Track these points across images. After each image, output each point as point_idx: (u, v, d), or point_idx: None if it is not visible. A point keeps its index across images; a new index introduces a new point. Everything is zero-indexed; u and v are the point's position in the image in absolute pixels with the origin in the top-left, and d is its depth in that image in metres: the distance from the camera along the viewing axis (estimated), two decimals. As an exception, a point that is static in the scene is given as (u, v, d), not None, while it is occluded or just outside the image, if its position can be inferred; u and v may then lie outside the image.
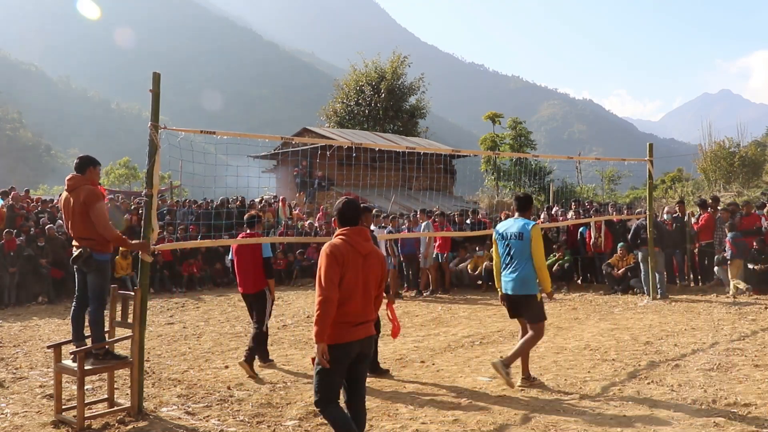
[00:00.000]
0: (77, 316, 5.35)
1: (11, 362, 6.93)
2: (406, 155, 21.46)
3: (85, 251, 5.08)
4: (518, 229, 5.50)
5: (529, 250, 5.44)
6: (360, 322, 3.62)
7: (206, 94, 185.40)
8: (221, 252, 14.46)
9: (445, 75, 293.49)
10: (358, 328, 3.60)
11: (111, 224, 5.18)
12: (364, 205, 6.72)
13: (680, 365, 6.12)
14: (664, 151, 50.82)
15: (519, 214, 5.70)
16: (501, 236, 5.65)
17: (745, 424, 4.39)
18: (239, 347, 7.65)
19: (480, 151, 28.81)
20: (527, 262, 5.45)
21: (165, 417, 4.95)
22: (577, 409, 4.88)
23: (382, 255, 3.82)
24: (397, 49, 35.00)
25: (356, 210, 3.77)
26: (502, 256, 5.63)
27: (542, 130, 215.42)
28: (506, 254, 5.58)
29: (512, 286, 5.52)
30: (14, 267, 11.27)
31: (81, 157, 5.40)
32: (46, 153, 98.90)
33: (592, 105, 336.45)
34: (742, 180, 26.52)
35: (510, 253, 5.53)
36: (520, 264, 5.48)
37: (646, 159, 10.76)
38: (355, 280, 3.58)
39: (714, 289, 11.23)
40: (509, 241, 5.54)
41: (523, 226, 5.49)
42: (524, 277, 5.47)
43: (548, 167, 27.87)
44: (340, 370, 3.58)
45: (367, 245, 3.68)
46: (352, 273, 3.56)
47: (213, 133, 5.84)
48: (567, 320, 9.04)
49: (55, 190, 46.17)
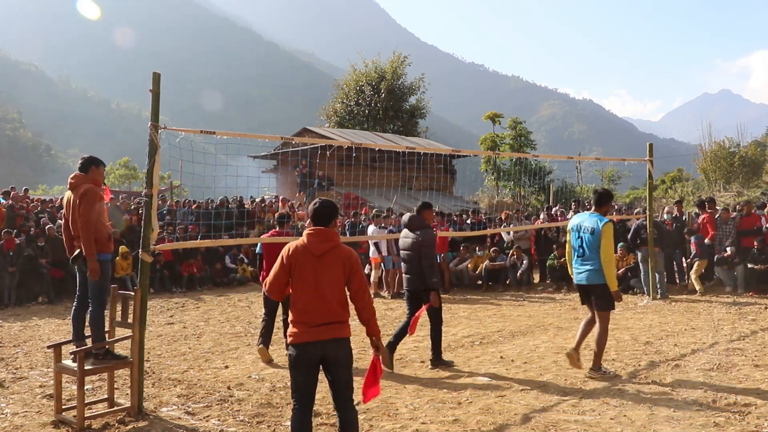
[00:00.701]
0: (78, 316, 5.36)
1: (11, 362, 6.93)
2: (406, 155, 21.46)
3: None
4: (591, 224, 5.76)
5: (599, 245, 5.66)
6: (318, 324, 3.53)
7: (206, 94, 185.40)
8: (221, 252, 14.47)
9: (445, 75, 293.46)
10: (316, 329, 3.52)
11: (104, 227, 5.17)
12: (425, 201, 6.93)
13: (680, 365, 6.12)
14: (664, 151, 50.83)
15: (595, 209, 5.93)
16: (574, 229, 5.92)
17: (745, 424, 4.39)
18: (239, 347, 7.65)
19: (480, 151, 28.82)
20: (598, 255, 5.70)
21: (165, 417, 4.94)
22: (577, 409, 4.88)
23: (346, 255, 3.62)
24: (397, 49, 35.02)
25: (328, 210, 3.70)
26: (575, 248, 5.90)
27: (542, 130, 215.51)
28: (579, 246, 5.85)
29: (585, 276, 5.80)
30: (14, 267, 11.26)
31: (85, 156, 5.44)
32: (46, 153, 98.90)
33: (592, 105, 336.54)
34: (742, 180, 26.55)
35: (582, 245, 5.81)
36: (591, 256, 5.74)
37: (646, 159, 10.76)
38: (305, 281, 3.56)
39: (714, 289, 11.23)
40: (582, 234, 5.81)
41: (596, 222, 5.73)
42: (596, 269, 5.72)
43: (548, 167, 27.88)
44: (300, 371, 3.57)
45: (323, 246, 3.58)
46: (301, 273, 3.57)
47: (213, 133, 5.84)
48: (567, 320, 9.04)
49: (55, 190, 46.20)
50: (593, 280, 5.72)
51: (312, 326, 3.53)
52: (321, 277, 3.55)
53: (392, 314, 10.16)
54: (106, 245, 5.26)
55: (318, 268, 3.56)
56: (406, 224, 6.63)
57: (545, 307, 10.35)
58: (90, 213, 5.07)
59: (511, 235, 13.59)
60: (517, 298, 11.52)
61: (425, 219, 6.60)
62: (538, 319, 9.24)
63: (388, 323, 9.32)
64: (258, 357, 7.01)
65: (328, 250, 3.59)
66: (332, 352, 3.54)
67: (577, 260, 5.88)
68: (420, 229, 6.46)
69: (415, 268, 6.39)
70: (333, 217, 3.73)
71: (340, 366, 3.59)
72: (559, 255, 12.52)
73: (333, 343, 3.54)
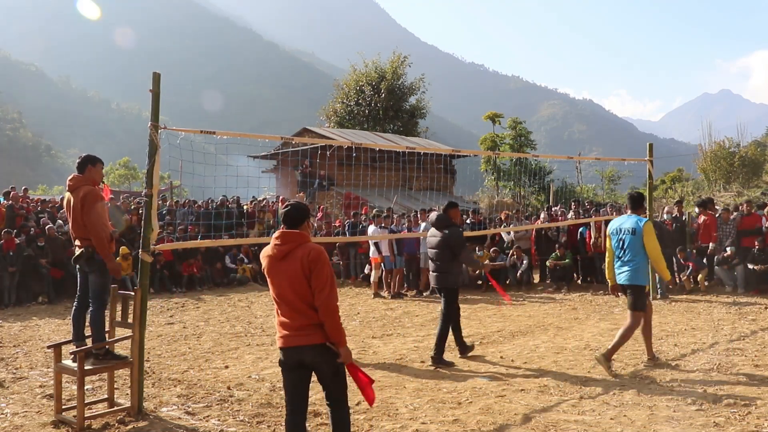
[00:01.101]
0: (78, 316, 5.35)
1: (11, 362, 6.93)
2: (406, 155, 21.47)
3: (87, 251, 5.08)
4: (631, 225, 6.06)
5: (641, 244, 5.96)
6: (293, 328, 3.48)
7: (206, 94, 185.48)
8: (221, 252, 14.47)
9: (445, 75, 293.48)
10: (292, 334, 3.49)
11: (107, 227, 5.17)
12: (451, 200, 7.21)
13: (680, 365, 6.12)
14: (664, 151, 50.84)
15: (631, 211, 6.25)
16: (615, 232, 6.20)
17: (745, 424, 4.39)
18: (239, 347, 7.66)
19: (480, 151, 28.79)
20: (640, 255, 5.99)
21: (165, 417, 4.94)
22: (577, 409, 4.88)
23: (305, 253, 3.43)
24: (397, 49, 35.00)
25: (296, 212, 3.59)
26: (616, 250, 6.17)
27: (542, 130, 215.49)
28: (619, 248, 6.12)
29: (626, 276, 6.04)
30: (14, 267, 11.27)
31: (81, 156, 5.40)
32: (46, 153, 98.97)
33: (592, 105, 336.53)
34: (742, 180, 26.53)
35: (623, 247, 6.08)
36: (633, 257, 6.01)
37: (646, 159, 10.75)
38: (274, 286, 3.55)
39: (714, 289, 11.23)
40: (623, 236, 6.09)
41: (636, 222, 6.04)
42: (637, 269, 5.99)
43: (548, 167, 27.85)
44: (286, 375, 3.59)
45: (283, 248, 3.49)
46: (271, 279, 3.58)
47: (213, 133, 5.84)
48: (567, 320, 9.04)
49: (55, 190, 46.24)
50: (633, 280, 5.99)
51: (288, 330, 3.50)
52: (283, 280, 3.48)
53: (392, 314, 10.16)
54: (108, 246, 5.26)
55: (281, 271, 3.50)
56: (433, 223, 6.89)
57: (545, 307, 10.35)
58: (98, 215, 5.09)
59: (511, 235, 13.59)
60: (517, 298, 11.52)
61: (451, 218, 6.87)
62: (538, 319, 9.24)
63: (388, 323, 9.33)
64: (258, 357, 7.02)
65: (289, 251, 3.48)
66: (310, 358, 3.48)
67: (617, 262, 6.16)
68: (447, 227, 6.71)
69: (442, 266, 6.67)
70: (302, 220, 3.61)
71: (322, 372, 3.53)
72: (560, 255, 12.53)
73: (309, 350, 3.45)
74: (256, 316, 10.17)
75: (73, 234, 5.28)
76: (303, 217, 3.62)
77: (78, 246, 5.18)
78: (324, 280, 3.41)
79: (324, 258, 3.46)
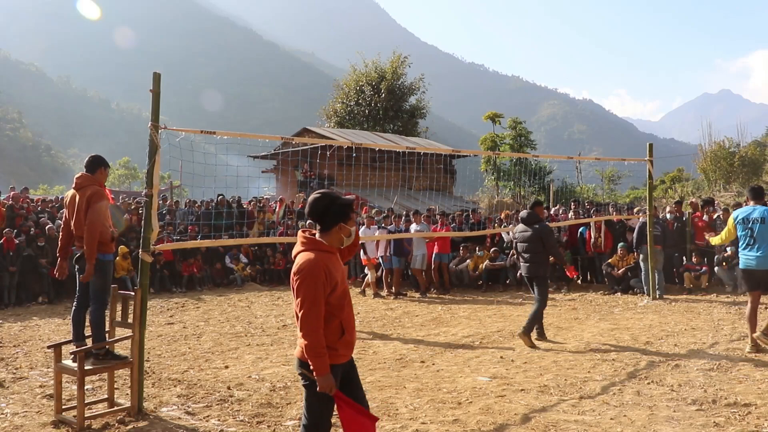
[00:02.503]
0: (77, 317, 5.35)
1: (11, 362, 6.93)
2: (406, 155, 21.46)
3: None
4: (760, 215, 6.55)
5: None
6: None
7: (206, 94, 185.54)
8: (221, 252, 14.46)
9: (445, 75, 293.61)
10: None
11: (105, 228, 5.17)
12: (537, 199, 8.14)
13: (680, 365, 6.12)
14: (664, 151, 50.82)
15: (754, 202, 6.76)
16: (742, 221, 6.67)
17: (745, 424, 4.39)
18: (239, 347, 7.66)
19: (480, 151, 28.80)
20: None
21: (165, 417, 4.94)
22: (577, 409, 4.88)
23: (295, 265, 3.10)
24: (397, 49, 35.01)
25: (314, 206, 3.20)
26: (744, 238, 6.64)
27: (542, 130, 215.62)
28: (748, 236, 6.59)
29: (758, 262, 6.51)
30: (14, 267, 11.27)
31: (93, 156, 5.38)
32: (46, 153, 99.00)
33: (592, 105, 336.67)
34: (742, 180, 26.56)
35: (753, 235, 6.56)
36: (762, 244, 6.48)
37: (646, 159, 10.76)
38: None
39: (714, 289, 11.23)
40: (751, 225, 6.57)
41: (764, 212, 6.55)
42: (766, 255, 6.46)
43: (548, 167, 27.88)
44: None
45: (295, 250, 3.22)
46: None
47: (213, 133, 5.84)
48: (567, 320, 9.04)
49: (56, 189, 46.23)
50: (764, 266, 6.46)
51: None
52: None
53: (392, 314, 10.16)
54: (109, 246, 5.27)
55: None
56: (523, 219, 7.69)
57: (545, 307, 10.32)
58: (94, 213, 5.08)
59: (511, 235, 13.58)
60: (517, 298, 11.52)
61: (538, 214, 7.72)
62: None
63: (388, 323, 9.33)
64: (258, 357, 7.03)
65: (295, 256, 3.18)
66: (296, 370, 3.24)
67: (746, 249, 6.61)
68: (537, 222, 7.56)
69: (533, 257, 7.48)
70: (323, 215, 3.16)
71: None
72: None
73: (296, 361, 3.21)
74: (256, 316, 10.17)
75: (74, 233, 5.28)
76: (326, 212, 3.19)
77: (78, 246, 5.18)
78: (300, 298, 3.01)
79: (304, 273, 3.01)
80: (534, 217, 7.62)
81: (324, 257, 3.08)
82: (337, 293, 3.10)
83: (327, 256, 3.11)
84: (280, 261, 14.83)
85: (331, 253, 3.15)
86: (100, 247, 5.15)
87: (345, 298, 3.17)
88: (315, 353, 3.00)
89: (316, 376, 3.03)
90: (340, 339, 3.13)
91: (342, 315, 3.13)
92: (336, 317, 3.11)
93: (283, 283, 14.49)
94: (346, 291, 3.19)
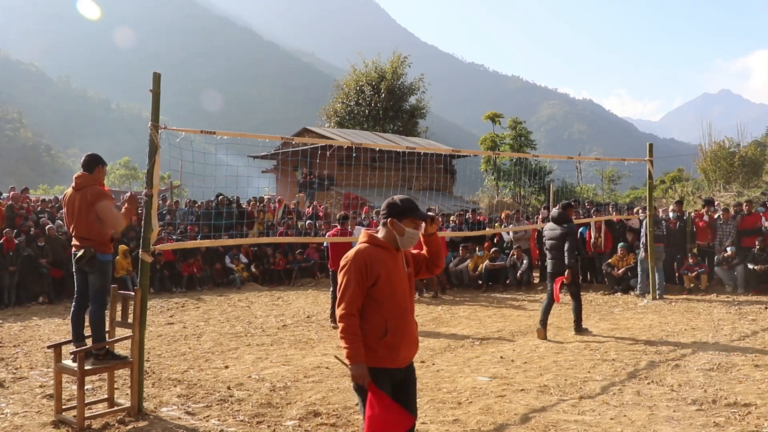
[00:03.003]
0: (77, 317, 5.34)
1: (11, 362, 6.93)
2: (406, 155, 21.46)
3: (89, 251, 5.07)
4: None
5: None
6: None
7: (206, 94, 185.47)
8: (221, 252, 14.46)
9: (445, 75, 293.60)
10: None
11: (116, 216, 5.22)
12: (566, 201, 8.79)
13: (680, 365, 6.12)
14: (664, 151, 50.84)
15: None
16: None
17: (745, 424, 4.39)
18: (239, 347, 7.65)
19: (480, 151, 28.79)
20: None
21: (165, 417, 4.94)
22: (577, 409, 4.88)
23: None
24: (397, 49, 35.00)
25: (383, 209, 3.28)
26: None
27: (542, 130, 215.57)
28: None
29: None
30: (14, 267, 11.26)
31: (90, 155, 5.37)
32: (46, 153, 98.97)
33: (592, 105, 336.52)
34: (742, 180, 26.55)
35: None
36: None
37: (646, 159, 10.76)
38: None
39: (714, 289, 11.23)
40: None
41: None
42: None
43: (548, 167, 27.85)
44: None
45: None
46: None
47: (213, 133, 5.84)
48: (567, 320, 9.04)
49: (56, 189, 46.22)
50: None
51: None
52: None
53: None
54: (108, 246, 5.26)
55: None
56: (554, 218, 8.21)
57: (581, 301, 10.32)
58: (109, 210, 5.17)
59: (511, 235, 13.58)
60: (517, 298, 11.52)
61: (568, 215, 8.23)
62: (538, 319, 9.22)
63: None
64: (258, 357, 7.03)
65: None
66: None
67: None
68: (566, 222, 8.06)
69: (559, 254, 7.93)
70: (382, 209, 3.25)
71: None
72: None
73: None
74: (256, 316, 10.17)
75: (72, 233, 5.27)
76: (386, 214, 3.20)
77: (77, 245, 5.17)
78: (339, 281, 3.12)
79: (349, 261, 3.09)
80: (564, 217, 8.10)
81: (372, 250, 3.10)
82: (379, 287, 3.05)
83: (376, 250, 3.11)
84: (280, 261, 14.82)
85: (383, 248, 3.13)
86: (101, 247, 5.15)
87: (392, 298, 3.09)
88: (346, 339, 3.01)
89: (348, 364, 3.01)
90: (382, 339, 3.06)
91: (385, 312, 3.07)
92: (378, 314, 3.06)
93: (283, 283, 14.49)
94: (394, 290, 3.10)
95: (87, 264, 5.11)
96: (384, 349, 3.07)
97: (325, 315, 10.07)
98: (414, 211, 3.19)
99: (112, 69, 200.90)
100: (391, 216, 3.17)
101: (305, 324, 9.34)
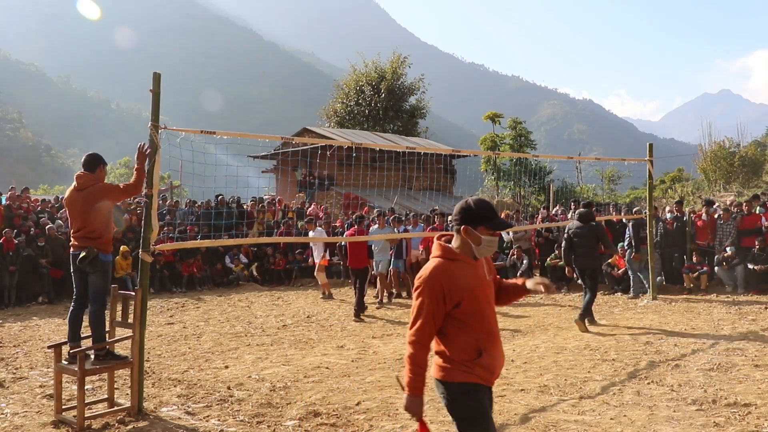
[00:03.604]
0: (75, 317, 5.33)
1: (11, 362, 6.93)
2: (406, 155, 21.48)
3: (92, 252, 5.06)
4: None
5: None
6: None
7: (206, 94, 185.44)
8: (221, 252, 14.46)
9: (445, 75, 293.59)
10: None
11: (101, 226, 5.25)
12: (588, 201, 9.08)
13: (680, 365, 6.12)
14: (664, 151, 50.83)
15: None
16: None
17: (745, 424, 4.39)
18: (239, 347, 7.66)
19: (480, 151, 28.80)
20: None
21: (165, 417, 4.94)
22: (577, 409, 4.88)
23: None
24: (397, 49, 35.01)
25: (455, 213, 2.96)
26: None
27: (542, 130, 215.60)
28: None
29: None
30: (14, 267, 11.27)
31: (91, 154, 5.36)
32: (46, 153, 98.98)
33: (592, 105, 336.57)
34: (742, 180, 26.57)
35: None
36: None
37: (646, 159, 10.75)
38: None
39: (714, 289, 11.23)
40: None
41: None
42: None
43: (548, 167, 27.86)
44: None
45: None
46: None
47: (213, 133, 5.84)
48: (567, 320, 9.04)
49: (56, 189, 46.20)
50: None
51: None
52: None
53: (392, 314, 10.16)
54: (110, 246, 5.26)
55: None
56: (580, 217, 8.61)
57: (545, 307, 10.34)
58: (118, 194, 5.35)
59: (511, 235, 13.58)
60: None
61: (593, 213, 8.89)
62: (538, 319, 9.24)
63: (388, 323, 9.32)
64: (258, 357, 7.03)
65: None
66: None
67: None
68: (592, 220, 8.56)
69: (586, 251, 8.39)
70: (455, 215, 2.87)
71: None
72: (559, 255, 12.52)
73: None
74: (256, 316, 10.17)
75: (71, 233, 5.26)
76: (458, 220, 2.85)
77: (76, 245, 5.16)
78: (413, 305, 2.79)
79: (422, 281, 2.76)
80: (590, 216, 8.57)
81: (448, 265, 2.76)
82: (464, 309, 2.74)
83: (453, 264, 2.77)
84: (280, 261, 14.83)
85: (460, 261, 2.78)
86: (102, 247, 5.15)
87: (480, 316, 2.78)
88: (411, 369, 2.74)
89: (406, 393, 2.77)
90: (476, 360, 2.78)
91: (476, 333, 2.77)
92: (467, 333, 2.77)
93: (282, 283, 14.50)
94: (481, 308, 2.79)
95: (89, 264, 5.10)
96: (480, 369, 2.81)
97: (325, 315, 10.08)
98: (491, 219, 2.80)
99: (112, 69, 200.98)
100: (465, 223, 2.79)
101: (305, 324, 9.34)
